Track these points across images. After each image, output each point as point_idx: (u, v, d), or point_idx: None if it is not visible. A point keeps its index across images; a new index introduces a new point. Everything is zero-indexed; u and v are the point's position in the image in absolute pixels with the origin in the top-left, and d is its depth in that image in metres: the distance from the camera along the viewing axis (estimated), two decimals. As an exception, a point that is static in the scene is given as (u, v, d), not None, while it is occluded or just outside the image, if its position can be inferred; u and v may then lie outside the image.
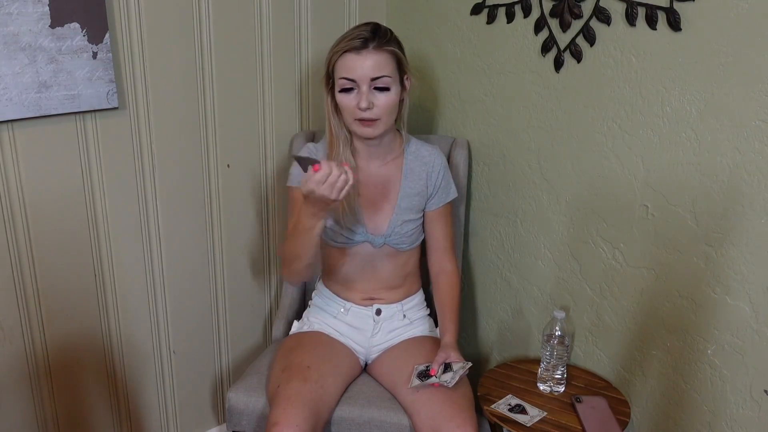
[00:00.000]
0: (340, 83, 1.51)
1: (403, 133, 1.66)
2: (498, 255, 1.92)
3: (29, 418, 1.70)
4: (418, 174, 1.65)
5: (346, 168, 1.34)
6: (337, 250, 1.66)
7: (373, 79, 1.49)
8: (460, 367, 1.50)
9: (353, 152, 1.63)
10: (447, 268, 1.70)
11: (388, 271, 1.67)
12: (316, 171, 1.31)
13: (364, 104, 1.49)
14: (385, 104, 1.51)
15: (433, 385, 1.49)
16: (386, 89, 1.51)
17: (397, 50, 1.52)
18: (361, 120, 1.52)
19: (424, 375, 1.51)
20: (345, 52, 1.48)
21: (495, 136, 1.84)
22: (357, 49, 1.47)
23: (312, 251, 1.49)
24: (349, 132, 1.61)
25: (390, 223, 1.63)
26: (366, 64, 1.48)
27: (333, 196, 1.33)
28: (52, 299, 1.66)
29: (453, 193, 1.70)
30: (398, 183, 1.65)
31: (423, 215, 1.68)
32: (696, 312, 1.51)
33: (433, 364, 1.51)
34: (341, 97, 1.52)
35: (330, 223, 1.60)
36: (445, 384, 1.47)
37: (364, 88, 1.49)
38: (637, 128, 1.53)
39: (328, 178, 1.31)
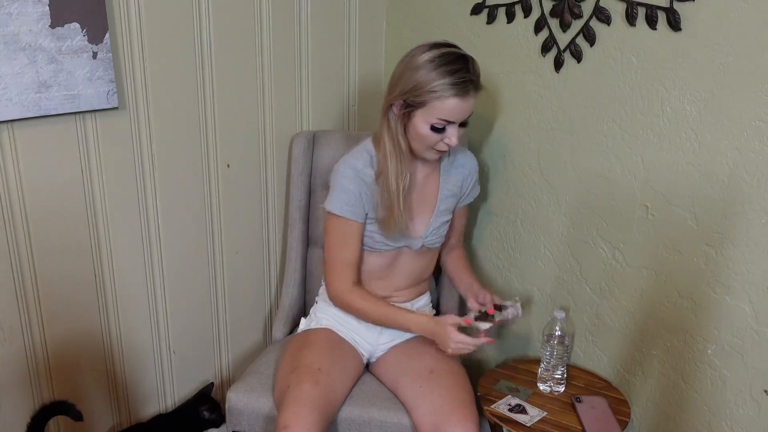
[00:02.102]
0: (433, 121, 1.46)
1: None
2: (498, 255, 1.92)
3: (29, 418, 1.69)
4: (455, 177, 1.67)
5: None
6: (379, 255, 1.65)
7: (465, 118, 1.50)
8: (512, 302, 1.55)
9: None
10: (458, 246, 1.79)
11: (416, 269, 1.69)
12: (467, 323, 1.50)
13: (455, 142, 1.49)
14: (462, 137, 1.54)
15: (495, 322, 1.53)
16: (466, 124, 1.51)
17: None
18: (438, 150, 1.52)
19: (483, 317, 1.53)
20: (451, 96, 1.44)
21: (495, 136, 1.84)
22: (463, 96, 1.45)
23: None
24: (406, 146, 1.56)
25: (429, 226, 1.64)
26: (466, 108, 1.47)
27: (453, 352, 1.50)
28: (52, 299, 1.66)
29: (477, 191, 1.75)
30: (437, 187, 1.66)
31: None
32: (696, 312, 1.51)
33: (487, 305, 1.56)
34: (430, 133, 1.48)
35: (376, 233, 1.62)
36: (515, 316, 1.54)
37: (456, 127, 1.48)
38: (637, 128, 1.53)
39: (465, 346, 1.47)
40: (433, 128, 1.47)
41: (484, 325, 1.51)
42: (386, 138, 1.53)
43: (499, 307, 1.55)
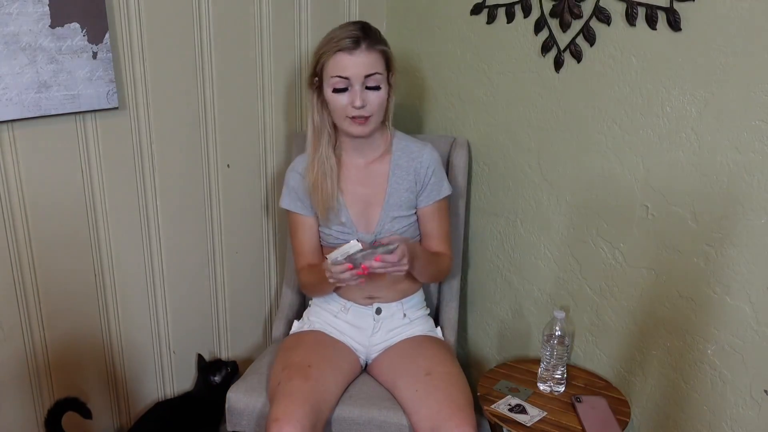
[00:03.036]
0: (332, 82, 1.52)
1: (390, 128, 1.66)
2: (498, 255, 1.92)
3: (29, 418, 1.70)
4: (405, 169, 1.64)
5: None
6: (331, 250, 1.66)
7: (367, 77, 1.51)
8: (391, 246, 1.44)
9: (338, 148, 1.65)
10: (440, 251, 1.69)
11: None
12: (350, 269, 1.44)
13: (358, 102, 1.51)
14: (377, 102, 1.54)
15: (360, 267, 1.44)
16: (377, 88, 1.53)
17: (386, 49, 1.55)
18: (354, 118, 1.54)
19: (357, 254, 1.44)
20: (337, 51, 1.50)
21: (495, 136, 1.84)
22: (349, 49, 1.49)
23: (331, 290, 1.67)
24: (334, 129, 1.62)
25: (379, 220, 1.64)
26: (359, 63, 1.50)
27: (336, 283, 1.50)
28: (52, 299, 1.66)
29: (446, 190, 1.67)
30: (386, 179, 1.65)
31: (416, 212, 1.68)
32: (696, 312, 1.51)
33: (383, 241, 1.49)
34: (333, 97, 1.53)
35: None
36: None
37: (357, 86, 1.51)
38: (637, 128, 1.53)
39: (335, 274, 1.46)
40: (336, 90, 1.52)
41: (337, 255, 1.44)
42: (308, 118, 1.62)
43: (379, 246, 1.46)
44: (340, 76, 1.51)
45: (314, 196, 1.62)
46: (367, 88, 1.52)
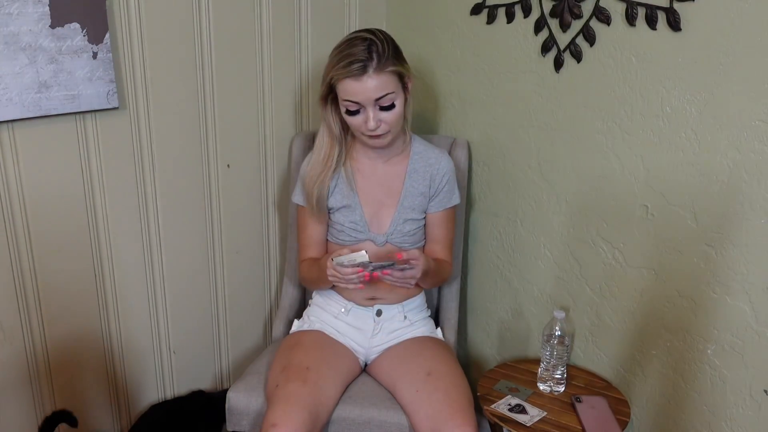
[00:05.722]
0: (344, 105, 1.52)
1: (408, 131, 1.67)
2: (498, 255, 1.92)
3: (29, 418, 1.70)
4: (422, 174, 1.66)
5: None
6: (341, 247, 1.66)
7: (378, 99, 1.49)
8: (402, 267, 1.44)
9: (356, 149, 1.66)
10: (440, 257, 1.70)
11: None
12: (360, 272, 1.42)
13: (372, 125, 1.51)
14: (392, 120, 1.53)
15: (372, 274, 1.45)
16: (391, 106, 1.52)
17: (397, 68, 1.50)
18: (367, 135, 1.55)
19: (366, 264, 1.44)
20: (345, 78, 1.48)
21: (495, 136, 1.84)
22: (357, 76, 1.46)
23: (329, 286, 1.65)
24: (351, 136, 1.64)
25: (392, 221, 1.64)
26: (368, 88, 1.47)
27: (336, 282, 1.48)
28: (52, 299, 1.66)
29: (455, 200, 1.70)
30: (402, 182, 1.66)
31: (425, 216, 1.69)
32: (696, 312, 1.51)
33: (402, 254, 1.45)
34: (348, 117, 1.54)
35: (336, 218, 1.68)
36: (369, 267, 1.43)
37: (370, 109, 1.50)
38: (637, 128, 1.53)
39: (343, 274, 1.44)
40: (348, 112, 1.52)
41: (343, 260, 1.44)
42: (321, 131, 1.63)
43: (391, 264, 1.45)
44: (350, 101, 1.50)
45: (308, 181, 1.63)
46: (381, 108, 1.51)
